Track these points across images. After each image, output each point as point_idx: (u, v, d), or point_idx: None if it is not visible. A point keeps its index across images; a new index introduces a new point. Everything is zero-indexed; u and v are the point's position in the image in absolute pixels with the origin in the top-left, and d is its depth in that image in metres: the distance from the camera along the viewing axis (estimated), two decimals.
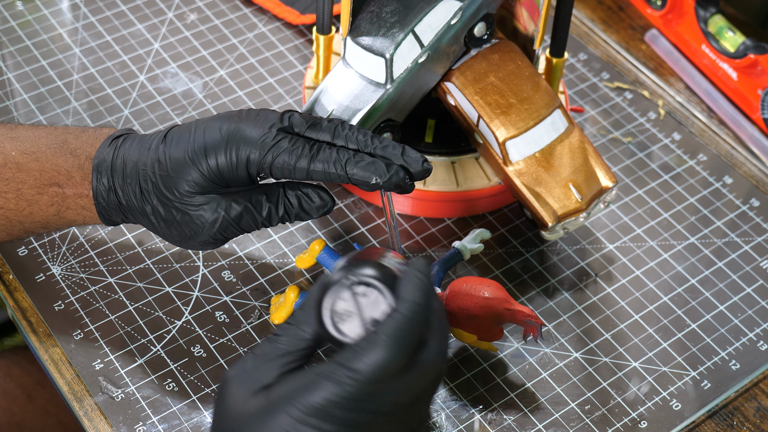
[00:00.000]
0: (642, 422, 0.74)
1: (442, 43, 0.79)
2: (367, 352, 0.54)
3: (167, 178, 0.68)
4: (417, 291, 0.56)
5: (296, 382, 0.55)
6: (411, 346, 0.55)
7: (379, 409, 0.55)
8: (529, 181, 0.78)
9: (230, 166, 0.67)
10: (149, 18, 0.99)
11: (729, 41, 0.94)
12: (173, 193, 0.68)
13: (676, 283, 0.82)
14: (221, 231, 0.69)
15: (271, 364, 0.56)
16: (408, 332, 0.55)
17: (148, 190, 0.69)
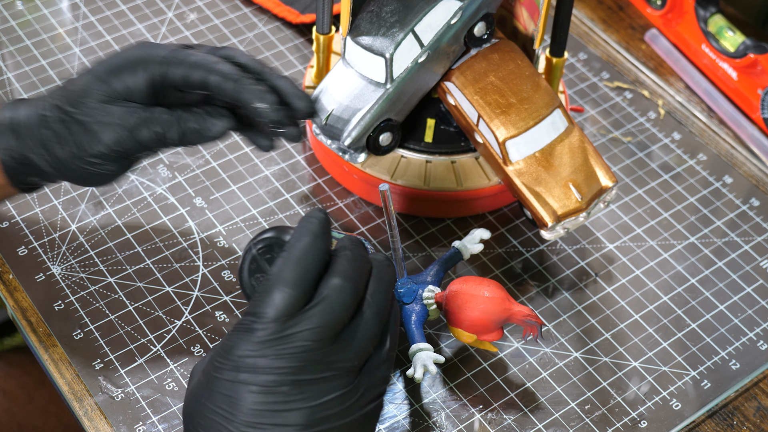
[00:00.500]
0: (642, 422, 0.74)
1: (442, 42, 0.79)
2: (264, 295, 0.57)
3: (72, 95, 0.69)
4: (301, 232, 0.59)
5: (220, 345, 0.58)
6: (304, 282, 0.58)
7: (296, 350, 0.56)
8: (529, 180, 0.78)
9: (134, 80, 0.69)
10: (149, 18, 0.99)
11: (729, 41, 0.94)
12: (77, 107, 0.69)
13: (676, 283, 0.82)
14: (118, 143, 0.69)
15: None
16: (296, 269, 0.58)
17: (47, 114, 0.70)
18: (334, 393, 0.57)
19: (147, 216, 0.84)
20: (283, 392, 0.56)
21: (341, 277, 0.59)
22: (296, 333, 0.57)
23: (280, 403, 0.56)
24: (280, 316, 0.57)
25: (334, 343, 0.58)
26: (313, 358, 0.57)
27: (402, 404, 0.74)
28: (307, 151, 0.89)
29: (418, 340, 0.72)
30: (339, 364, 0.58)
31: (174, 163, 0.87)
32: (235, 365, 0.57)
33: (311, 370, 0.57)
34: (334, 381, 0.58)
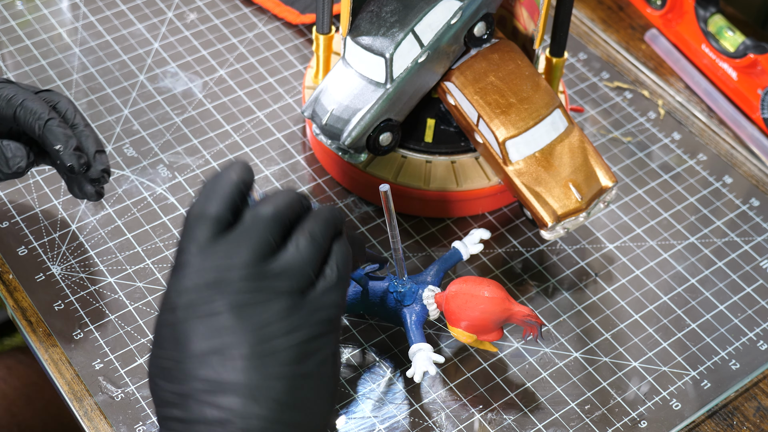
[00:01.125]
0: (642, 422, 0.74)
1: (442, 42, 0.79)
2: (183, 231, 0.58)
3: None
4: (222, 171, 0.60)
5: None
6: (220, 208, 0.58)
7: (224, 277, 0.56)
8: (529, 180, 0.78)
9: None
10: (149, 18, 0.99)
11: (729, 41, 0.94)
12: None
13: (676, 283, 0.82)
14: None
15: None
16: (211, 198, 0.58)
17: None
18: (273, 314, 0.56)
19: (147, 216, 0.84)
20: (221, 323, 0.55)
21: (263, 204, 0.59)
22: (221, 260, 0.56)
23: (220, 333, 0.55)
24: (202, 246, 0.57)
25: (264, 265, 0.57)
26: (244, 283, 0.56)
27: (402, 404, 0.74)
28: (307, 151, 0.89)
29: (418, 340, 0.72)
30: (274, 285, 0.56)
31: (174, 163, 0.87)
32: (171, 307, 0.56)
33: (245, 294, 0.56)
34: (272, 303, 0.56)
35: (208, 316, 0.56)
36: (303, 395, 0.56)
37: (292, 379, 0.56)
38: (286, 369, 0.56)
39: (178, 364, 0.56)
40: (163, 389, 0.56)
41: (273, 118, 0.91)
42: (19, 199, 0.84)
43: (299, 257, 0.58)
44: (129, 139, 0.89)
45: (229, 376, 0.55)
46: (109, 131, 0.90)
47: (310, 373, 0.57)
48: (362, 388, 0.74)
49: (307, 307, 0.57)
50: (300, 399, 0.56)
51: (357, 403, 0.74)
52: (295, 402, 0.56)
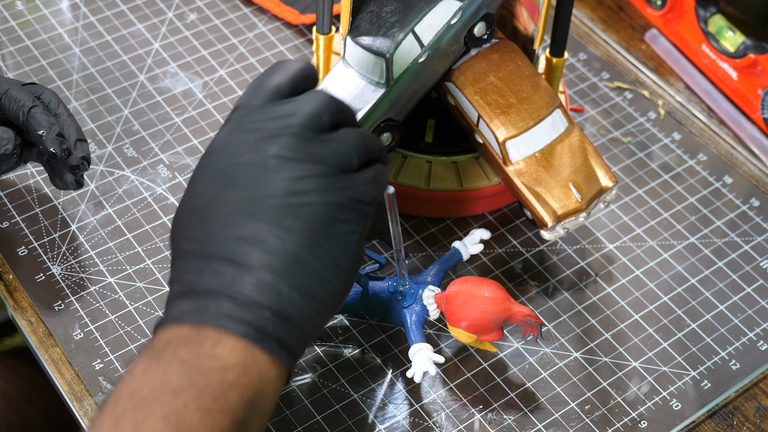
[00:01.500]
0: (642, 422, 0.74)
1: (442, 43, 0.79)
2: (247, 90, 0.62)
3: None
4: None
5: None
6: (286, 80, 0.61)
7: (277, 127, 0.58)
8: (529, 180, 0.78)
9: None
10: (149, 18, 0.99)
11: (729, 41, 0.94)
12: None
13: (676, 283, 0.82)
14: None
15: None
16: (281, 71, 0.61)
17: None
18: (312, 173, 0.58)
19: (147, 216, 0.84)
20: (263, 166, 0.57)
21: (323, 90, 0.61)
22: (275, 119, 0.59)
23: (262, 171, 0.57)
24: (259, 105, 0.59)
25: (313, 134, 0.59)
26: (291, 144, 0.58)
27: (402, 404, 0.74)
28: None
29: (418, 340, 0.72)
30: (318, 152, 0.58)
31: (174, 164, 0.87)
32: (212, 150, 0.59)
33: (290, 149, 0.58)
34: (313, 164, 0.58)
35: (248, 163, 0.58)
36: (322, 257, 0.57)
37: (316, 235, 0.57)
38: (311, 224, 0.57)
39: (208, 203, 0.57)
40: (187, 226, 0.58)
41: None
42: (19, 199, 0.84)
43: (347, 142, 0.60)
44: (129, 139, 0.89)
45: (257, 218, 0.56)
46: (109, 131, 0.90)
47: (334, 237, 0.58)
48: (362, 388, 0.74)
49: (344, 183, 0.59)
50: (319, 260, 0.57)
51: (357, 403, 0.74)
52: (313, 261, 0.57)
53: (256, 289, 0.56)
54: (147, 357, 0.55)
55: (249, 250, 0.56)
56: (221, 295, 0.56)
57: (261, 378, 0.55)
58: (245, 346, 0.55)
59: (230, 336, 0.55)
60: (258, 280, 0.56)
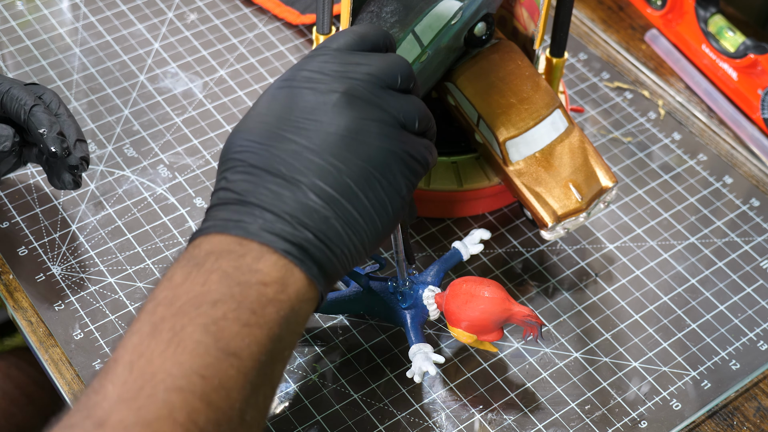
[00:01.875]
0: (642, 422, 0.74)
1: (442, 43, 0.78)
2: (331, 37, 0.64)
3: None
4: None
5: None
6: (368, 34, 0.64)
7: (352, 75, 0.61)
8: (529, 181, 0.78)
9: None
10: (149, 18, 0.99)
11: (729, 41, 0.94)
12: None
13: (676, 283, 0.82)
14: None
15: None
16: (365, 27, 0.65)
17: None
18: (377, 117, 0.60)
19: (147, 216, 0.84)
20: (334, 99, 0.60)
21: (397, 56, 0.64)
22: (354, 63, 0.61)
23: (330, 104, 0.60)
24: (342, 48, 0.62)
25: (384, 90, 0.62)
26: (364, 87, 0.61)
27: (402, 404, 0.74)
28: None
29: (418, 340, 0.72)
30: (386, 103, 0.61)
31: (174, 164, 0.87)
32: (289, 78, 0.62)
33: (360, 95, 0.60)
34: (380, 110, 0.61)
35: (320, 93, 0.60)
36: (372, 197, 0.60)
37: (370, 174, 0.59)
38: (368, 162, 0.59)
39: (273, 120, 0.60)
40: (246, 138, 0.60)
41: None
42: (19, 199, 0.84)
43: (413, 104, 0.63)
44: (129, 140, 0.89)
45: (317, 145, 0.59)
46: (109, 131, 0.90)
47: (387, 182, 0.60)
48: (362, 388, 0.74)
49: (404, 138, 0.61)
50: (368, 198, 0.59)
51: (357, 403, 0.74)
52: (363, 198, 0.59)
53: (304, 210, 0.57)
54: (187, 264, 0.56)
55: (305, 172, 0.58)
56: (269, 210, 0.57)
57: (298, 297, 0.57)
58: (286, 264, 0.56)
59: (272, 252, 0.56)
60: (307, 201, 0.57)
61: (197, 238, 0.58)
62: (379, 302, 0.75)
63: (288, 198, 0.57)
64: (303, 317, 0.58)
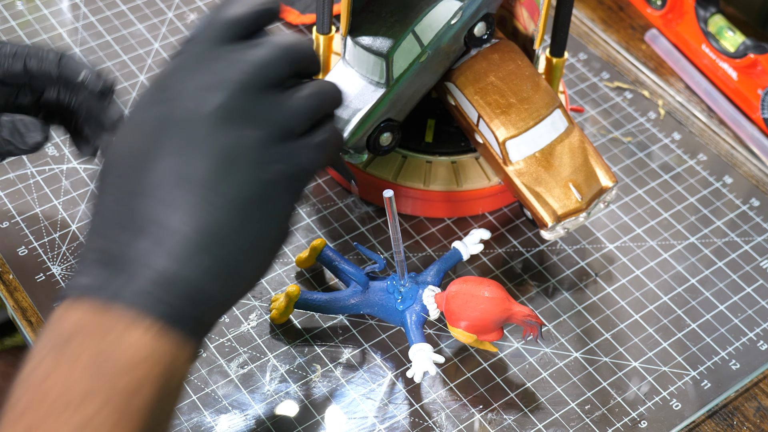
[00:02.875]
0: (642, 422, 0.74)
1: (442, 43, 0.79)
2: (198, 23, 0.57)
3: None
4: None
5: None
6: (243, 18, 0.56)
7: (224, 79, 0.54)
8: (529, 180, 0.78)
9: None
10: (149, 18, 0.99)
11: (729, 41, 0.94)
12: None
13: (676, 283, 0.82)
14: None
15: None
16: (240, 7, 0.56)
17: None
18: (251, 141, 0.54)
19: None
20: (203, 120, 0.53)
21: (282, 36, 0.56)
22: (228, 59, 0.54)
23: (199, 129, 0.53)
24: (209, 46, 0.55)
25: (262, 91, 0.55)
26: (237, 94, 0.54)
27: (402, 404, 0.74)
28: None
29: (418, 340, 0.72)
30: (263, 113, 0.54)
31: None
32: (160, 86, 0.55)
33: (234, 104, 0.54)
34: (255, 129, 0.54)
35: (187, 114, 0.53)
36: (247, 235, 0.54)
37: (243, 213, 0.53)
38: (240, 202, 0.53)
39: (140, 152, 0.53)
40: (114, 172, 0.54)
41: None
42: (19, 199, 0.84)
43: (294, 104, 0.56)
44: None
45: (185, 183, 0.52)
46: None
47: (263, 215, 0.54)
48: (362, 388, 0.74)
49: (287, 150, 0.55)
50: (244, 238, 0.54)
51: (357, 403, 0.74)
52: (237, 239, 0.53)
53: (175, 262, 0.51)
54: (52, 349, 0.51)
55: (172, 218, 0.52)
56: (136, 264, 0.51)
57: (173, 363, 0.52)
58: (158, 330, 0.51)
59: (143, 318, 0.51)
60: (178, 251, 0.52)
61: (64, 301, 0.54)
62: (379, 302, 0.75)
63: (155, 250, 0.51)
64: (181, 379, 0.52)
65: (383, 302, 0.75)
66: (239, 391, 0.74)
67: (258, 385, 0.74)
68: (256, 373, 0.75)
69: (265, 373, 0.75)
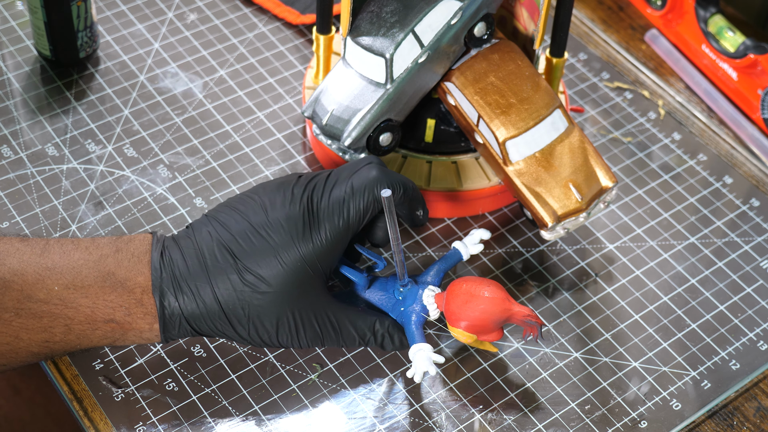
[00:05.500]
0: (642, 422, 0.74)
1: (442, 43, 0.79)
2: None
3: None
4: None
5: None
6: None
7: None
8: (529, 181, 0.78)
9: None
10: (149, 18, 0.99)
11: (729, 41, 0.95)
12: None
13: (676, 283, 0.82)
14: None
15: None
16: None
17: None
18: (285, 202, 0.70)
19: (147, 216, 0.84)
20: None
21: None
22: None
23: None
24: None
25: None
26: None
27: (402, 404, 0.74)
28: (308, 152, 0.89)
29: (418, 340, 0.72)
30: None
31: (174, 164, 0.87)
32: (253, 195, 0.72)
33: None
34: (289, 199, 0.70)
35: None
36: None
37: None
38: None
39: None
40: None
41: (273, 119, 0.91)
42: (19, 199, 0.84)
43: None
44: (129, 140, 0.89)
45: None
46: (109, 131, 0.90)
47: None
48: (362, 388, 0.74)
49: (318, 216, 0.70)
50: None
51: (357, 403, 0.74)
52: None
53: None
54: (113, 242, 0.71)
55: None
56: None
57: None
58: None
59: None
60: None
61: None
62: (379, 302, 0.75)
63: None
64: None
65: (383, 302, 0.75)
66: (239, 391, 0.74)
67: (258, 385, 0.74)
68: (256, 373, 0.75)
69: (265, 373, 0.75)
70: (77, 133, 0.89)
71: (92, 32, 0.92)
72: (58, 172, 0.86)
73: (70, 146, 0.88)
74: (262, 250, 0.68)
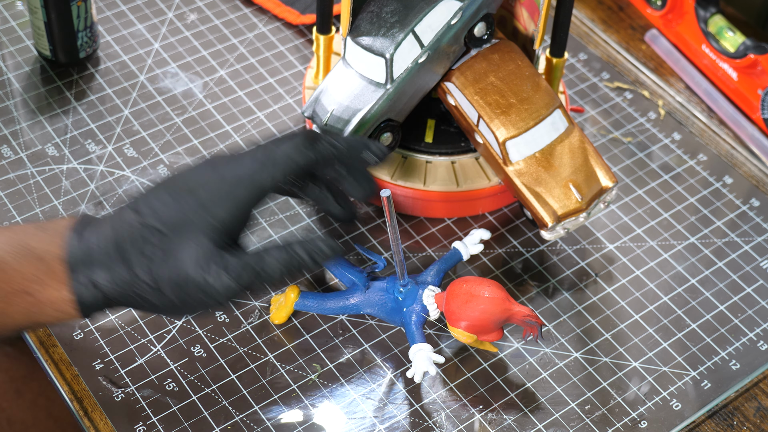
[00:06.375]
0: (642, 422, 0.74)
1: (442, 43, 0.79)
2: None
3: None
4: None
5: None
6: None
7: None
8: (529, 181, 0.78)
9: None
10: (149, 18, 0.99)
11: (729, 41, 0.95)
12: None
13: (676, 283, 0.82)
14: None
15: None
16: None
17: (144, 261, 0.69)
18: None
19: None
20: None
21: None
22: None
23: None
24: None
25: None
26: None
27: (402, 404, 0.74)
28: None
29: (418, 340, 0.72)
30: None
31: (174, 164, 0.87)
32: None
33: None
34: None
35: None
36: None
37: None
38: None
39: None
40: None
41: (273, 119, 0.91)
42: (19, 199, 0.84)
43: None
44: (129, 140, 0.89)
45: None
46: (109, 131, 0.90)
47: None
48: (362, 388, 0.74)
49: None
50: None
51: (357, 403, 0.74)
52: None
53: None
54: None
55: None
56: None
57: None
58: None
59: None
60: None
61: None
62: (379, 302, 0.75)
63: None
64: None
65: (383, 302, 0.75)
66: (239, 391, 0.74)
67: (258, 385, 0.74)
68: (256, 373, 0.75)
69: (265, 373, 0.75)
70: (77, 133, 0.89)
71: (92, 32, 0.93)
72: (58, 172, 0.86)
73: (70, 146, 0.88)
74: (170, 204, 0.69)
